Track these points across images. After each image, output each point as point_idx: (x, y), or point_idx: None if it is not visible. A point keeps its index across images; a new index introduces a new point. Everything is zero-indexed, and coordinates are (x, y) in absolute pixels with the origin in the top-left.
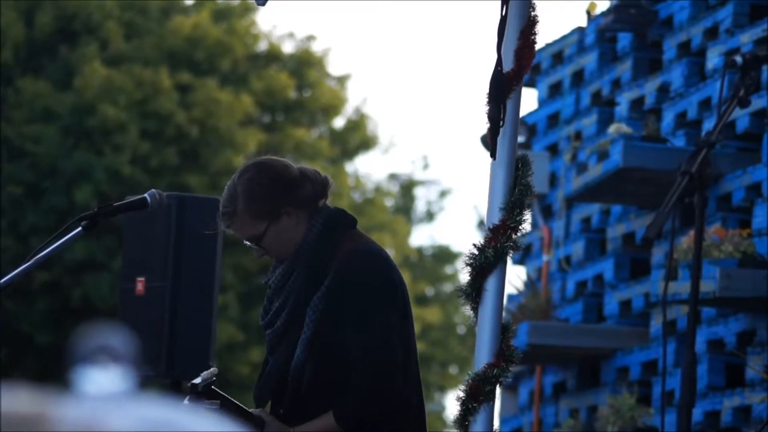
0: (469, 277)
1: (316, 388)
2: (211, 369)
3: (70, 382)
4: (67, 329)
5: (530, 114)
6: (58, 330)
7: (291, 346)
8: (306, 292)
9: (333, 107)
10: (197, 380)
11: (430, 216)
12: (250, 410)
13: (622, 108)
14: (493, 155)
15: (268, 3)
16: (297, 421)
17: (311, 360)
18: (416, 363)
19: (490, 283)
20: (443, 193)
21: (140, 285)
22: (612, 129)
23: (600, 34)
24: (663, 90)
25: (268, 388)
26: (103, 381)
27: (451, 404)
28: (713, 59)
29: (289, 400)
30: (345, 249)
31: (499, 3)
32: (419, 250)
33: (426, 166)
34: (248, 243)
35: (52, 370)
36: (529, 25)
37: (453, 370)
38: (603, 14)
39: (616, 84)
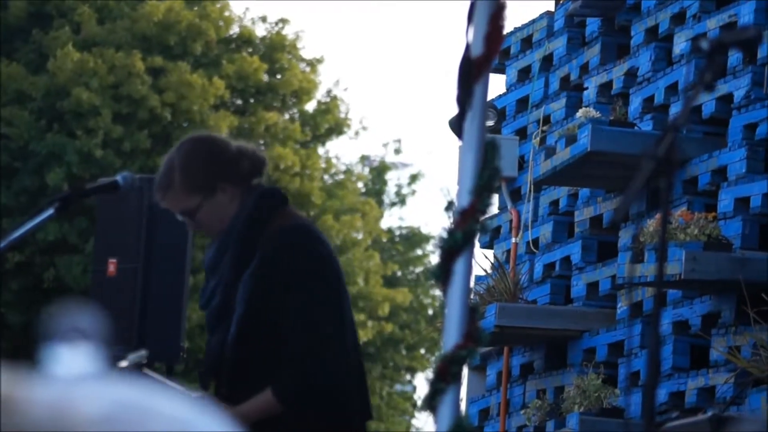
0: (438, 260)
1: (253, 366)
2: (140, 352)
3: (41, 362)
4: (39, 310)
5: (499, 98)
6: (30, 310)
7: (228, 325)
8: (237, 269)
9: (305, 91)
10: (124, 363)
11: (402, 200)
12: (189, 394)
13: (590, 92)
14: (460, 139)
15: None
16: (239, 400)
17: (245, 338)
18: (354, 336)
19: (458, 266)
20: (414, 177)
21: (112, 266)
22: (580, 113)
23: (568, 19)
24: (631, 75)
25: (209, 368)
26: (73, 361)
27: (421, 385)
28: (680, 44)
29: (227, 379)
30: (275, 226)
31: None
32: (390, 232)
33: (398, 151)
34: (181, 217)
35: (24, 350)
36: (497, 10)
37: (423, 351)
38: None
39: (585, 68)
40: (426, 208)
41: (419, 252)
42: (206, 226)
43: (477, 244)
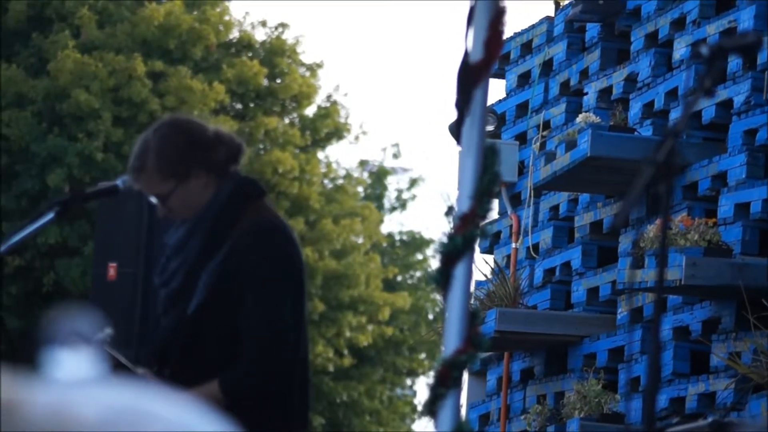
0: (439, 265)
1: (203, 354)
2: (106, 330)
3: (41, 366)
4: (38, 314)
5: (499, 103)
6: (29, 314)
7: (183, 309)
8: (203, 256)
9: (304, 95)
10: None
11: (402, 204)
12: (135, 369)
13: (590, 97)
14: (459, 144)
15: None
16: (182, 384)
17: (201, 325)
18: (306, 341)
19: (459, 271)
20: (414, 182)
21: (112, 270)
22: (580, 118)
23: (568, 24)
24: (630, 80)
25: (156, 349)
26: (73, 365)
27: (422, 389)
28: (680, 50)
29: (175, 362)
30: (248, 219)
31: None
32: (390, 237)
33: (397, 155)
34: (154, 200)
35: (23, 355)
36: (497, 15)
37: (423, 355)
38: (571, 4)
39: (585, 74)
40: (426, 213)
41: (419, 256)
42: (178, 211)
43: (477, 249)
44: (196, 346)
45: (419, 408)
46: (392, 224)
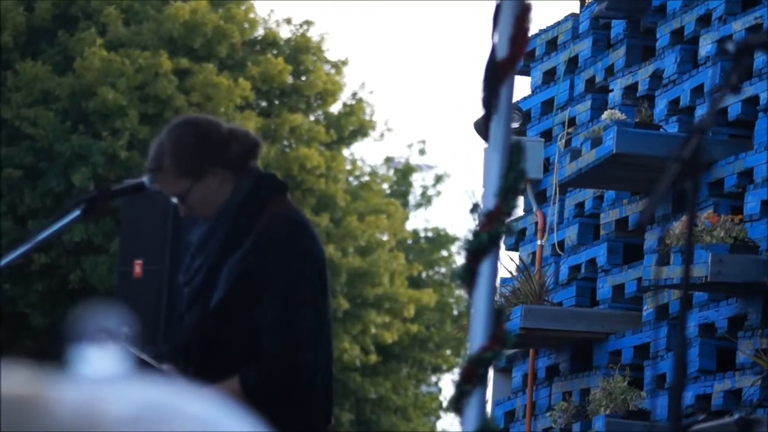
0: (464, 262)
1: (225, 350)
2: (125, 328)
3: (68, 363)
4: (63, 311)
5: (524, 100)
6: (55, 311)
7: (206, 305)
8: (224, 252)
9: (329, 93)
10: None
11: (427, 201)
12: (158, 366)
13: (615, 94)
14: (486, 141)
15: None
16: (206, 380)
17: (221, 321)
18: (329, 338)
19: (484, 267)
20: (439, 179)
21: (138, 267)
22: (605, 115)
23: (594, 21)
24: (656, 77)
25: (180, 345)
26: (100, 362)
27: (447, 386)
28: (706, 47)
29: (198, 359)
30: (268, 215)
31: None
32: (415, 233)
33: (423, 152)
34: (174, 200)
35: (49, 352)
36: (522, 11)
37: (448, 352)
38: (597, 1)
39: (610, 71)
40: (451, 210)
41: (444, 253)
42: (197, 209)
43: (502, 246)
44: (219, 341)
45: (445, 405)
46: (417, 221)
